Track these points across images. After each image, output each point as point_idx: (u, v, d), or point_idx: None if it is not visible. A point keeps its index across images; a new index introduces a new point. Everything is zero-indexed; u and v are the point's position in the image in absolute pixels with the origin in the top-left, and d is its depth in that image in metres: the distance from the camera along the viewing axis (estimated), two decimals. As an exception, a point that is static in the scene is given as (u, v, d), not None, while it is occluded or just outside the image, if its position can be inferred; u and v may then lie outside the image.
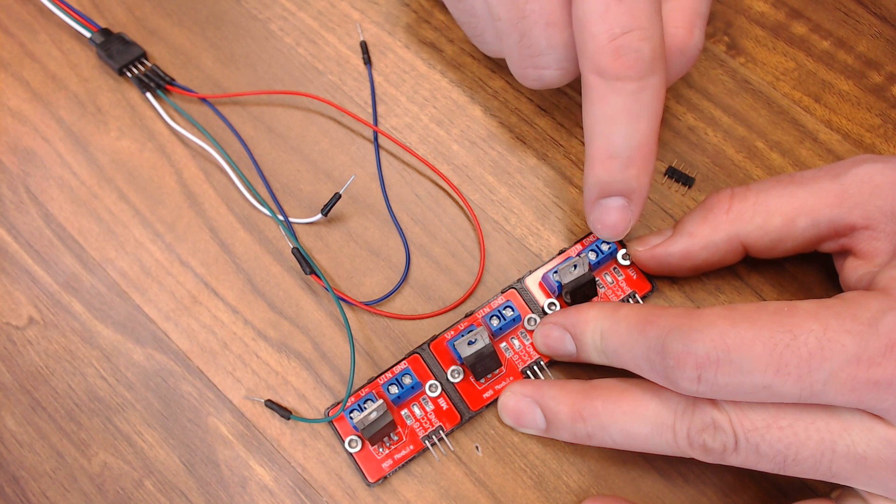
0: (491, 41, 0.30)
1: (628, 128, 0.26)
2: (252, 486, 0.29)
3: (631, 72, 0.25)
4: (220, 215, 0.32)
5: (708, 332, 0.23)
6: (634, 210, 0.28)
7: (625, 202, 0.27)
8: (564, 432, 0.27)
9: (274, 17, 0.36)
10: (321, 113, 0.34)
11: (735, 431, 0.23)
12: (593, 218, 0.28)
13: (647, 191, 0.27)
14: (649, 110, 0.26)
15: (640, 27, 0.25)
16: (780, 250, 0.28)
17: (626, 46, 0.25)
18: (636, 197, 0.27)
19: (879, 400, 0.22)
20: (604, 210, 0.28)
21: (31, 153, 0.34)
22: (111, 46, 0.34)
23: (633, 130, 0.26)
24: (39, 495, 0.29)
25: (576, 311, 0.28)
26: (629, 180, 0.27)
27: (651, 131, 0.26)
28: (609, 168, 0.27)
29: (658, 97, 0.26)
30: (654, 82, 0.25)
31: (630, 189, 0.27)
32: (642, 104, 0.26)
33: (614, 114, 0.26)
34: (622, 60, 0.25)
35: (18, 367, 0.31)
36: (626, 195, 0.27)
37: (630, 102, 0.25)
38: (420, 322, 0.31)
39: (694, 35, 0.28)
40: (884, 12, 0.35)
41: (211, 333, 0.31)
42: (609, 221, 0.28)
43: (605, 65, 0.25)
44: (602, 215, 0.28)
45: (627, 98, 0.25)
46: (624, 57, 0.25)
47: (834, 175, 0.26)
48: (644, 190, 0.27)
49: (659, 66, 0.25)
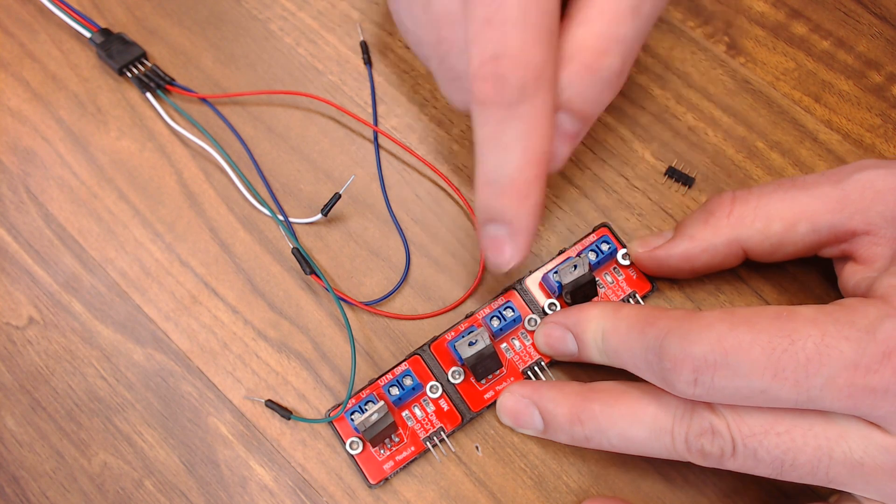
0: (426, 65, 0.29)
1: (499, 156, 0.25)
2: (252, 486, 0.29)
3: (497, 97, 0.24)
4: (220, 215, 0.32)
5: (706, 335, 0.23)
6: (517, 242, 0.26)
7: (506, 231, 0.26)
8: (562, 435, 0.27)
9: (274, 17, 0.36)
10: (321, 113, 0.34)
11: (733, 437, 0.23)
12: (482, 244, 0.27)
13: (529, 225, 0.26)
14: (521, 141, 0.24)
15: (508, 54, 0.23)
16: (780, 255, 0.28)
17: (493, 72, 0.24)
18: (515, 228, 0.26)
19: (876, 407, 0.22)
20: (487, 237, 0.27)
21: (31, 153, 0.34)
22: (111, 46, 0.34)
23: (503, 160, 0.25)
24: (39, 495, 0.29)
25: (577, 310, 0.28)
26: (504, 210, 0.25)
27: (525, 164, 0.24)
28: (485, 194, 0.25)
29: (533, 128, 0.24)
30: (525, 111, 0.24)
31: (507, 219, 0.25)
32: (512, 133, 0.24)
33: (486, 140, 0.25)
34: (488, 86, 0.24)
35: (18, 367, 0.31)
36: (506, 224, 0.26)
37: (498, 130, 0.24)
38: (420, 322, 0.31)
39: (605, 59, 0.25)
40: (884, 12, 0.35)
41: (211, 333, 0.31)
42: (492, 249, 0.27)
43: (475, 89, 0.24)
44: (487, 242, 0.27)
45: (495, 126, 0.24)
46: (490, 82, 0.24)
47: (835, 180, 0.26)
48: (524, 222, 0.25)
49: (533, 95, 0.24)
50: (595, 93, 0.26)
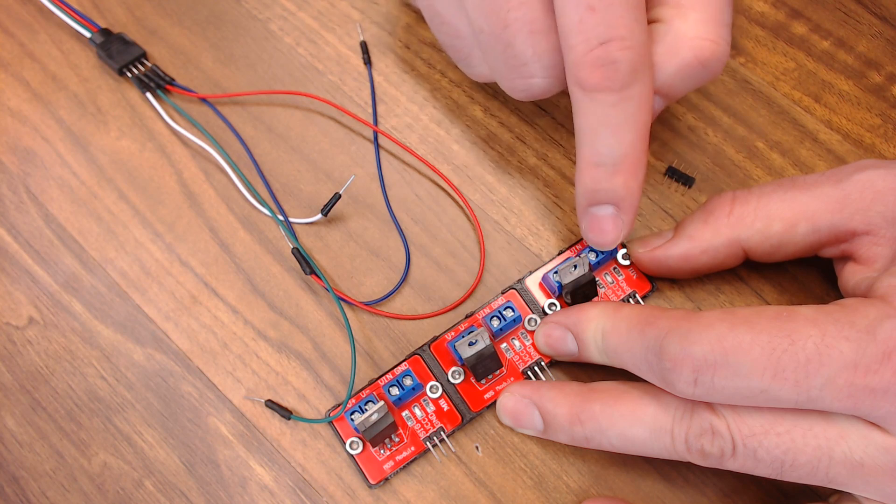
0: (477, 63, 0.29)
1: (612, 138, 0.25)
2: (252, 486, 0.29)
3: (609, 83, 0.24)
4: (220, 215, 0.32)
5: (706, 335, 0.23)
6: (625, 219, 0.27)
7: (614, 211, 0.27)
8: (562, 435, 0.27)
9: (274, 17, 0.36)
10: (321, 113, 0.34)
11: (733, 437, 0.23)
12: (584, 226, 0.28)
13: (637, 200, 0.27)
14: (633, 120, 0.25)
15: (617, 37, 0.24)
16: (780, 255, 0.28)
17: (603, 58, 0.24)
18: (625, 206, 0.27)
19: (876, 407, 0.22)
20: (593, 219, 0.27)
21: (31, 153, 0.34)
22: (111, 46, 0.34)
23: (617, 141, 0.25)
24: (39, 495, 0.29)
25: (577, 310, 0.28)
26: (616, 189, 0.26)
27: (637, 140, 0.25)
28: (595, 177, 0.26)
29: (642, 107, 0.25)
30: (635, 92, 0.25)
31: (618, 197, 0.26)
32: (625, 115, 0.25)
33: (597, 125, 0.25)
34: (599, 72, 0.24)
35: (18, 367, 0.31)
36: (615, 203, 0.27)
37: (611, 114, 0.25)
38: (420, 322, 0.31)
39: (719, 47, 0.26)
40: (884, 12, 0.35)
41: (211, 333, 0.31)
42: (598, 230, 0.27)
43: (584, 77, 0.25)
44: (592, 224, 0.27)
45: (608, 109, 0.25)
46: (601, 69, 0.24)
47: (836, 180, 0.26)
48: (633, 199, 0.27)
49: (640, 75, 0.25)
50: (699, 80, 0.27)
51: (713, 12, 0.26)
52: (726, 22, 0.27)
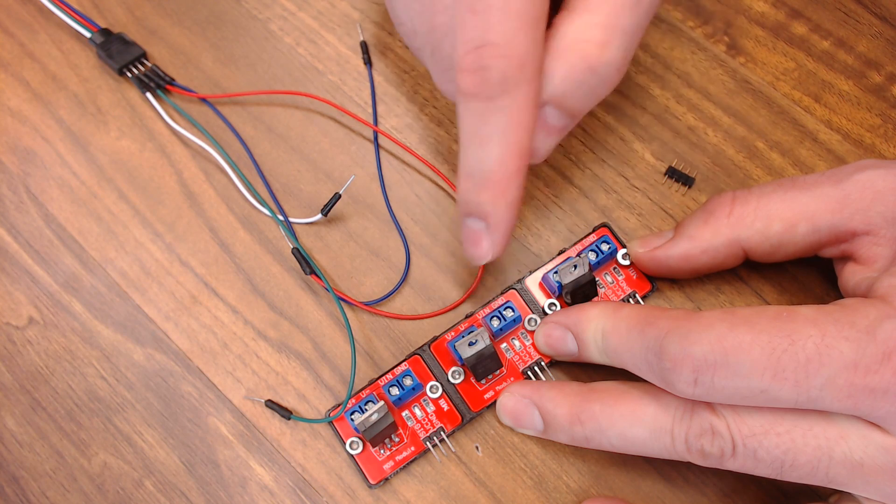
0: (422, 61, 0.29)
1: (479, 150, 0.24)
2: (252, 486, 0.29)
3: (478, 89, 0.23)
4: (220, 215, 0.32)
5: (706, 335, 0.23)
6: (494, 237, 0.26)
7: (484, 226, 0.26)
8: (562, 435, 0.27)
9: (274, 17, 0.36)
10: (321, 113, 0.34)
11: (733, 437, 0.23)
12: (461, 236, 0.27)
13: (506, 220, 0.25)
14: (502, 134, 0.24)
15: (491, 42, 0.23)
16: (780, 255, 0.28)
17: (476, 62, 0.23)
18: (493, 223, 0.25)
19: (875, 407, 0.22)
20: (467, 229, 0.26)
21: (31, 153, 0.34)
22: (111, 46, 0.34)
23: (484, 154, 0.24)
24: (39, 495, 0.29)
25: (577, 310, 0.28)
26: (483, 204, 0.25)
27: (506, 157, 0.24)
28: (465, 187, 0.25)
29: (514, 122, 0.24)
30: (505, 104, 0.23)
31: (485, 213, 0.25)
32: (492, 127, 0.24)
33: (468, 133, 0.24)
34: (470, 77, 0.23)
35: (18, 367, 0.31)
36: (483, 219, 0.25)
37: (480, 123, 0.24)
38: (420, 322, 0.31)
39: (606, 52, 0.24)
40: (884, 12, 0.35)
41: (211, 333, 0.31)
42: (471, 242, 0.26)
43: (459, 80, 0.24)
44: (465, 234, 0.26)
45: (476, 118, 0.24)
46: (473, 74, 0.23)
47: (836, 180, 0.26)
48: (502, 218, 0.25)
49: (514, 87, 0.23)
50: (591, 88, 0.25)
51: (606, 15, 0.24)
52: (623, 27, 0.25)
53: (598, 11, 0.25)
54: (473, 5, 0.23)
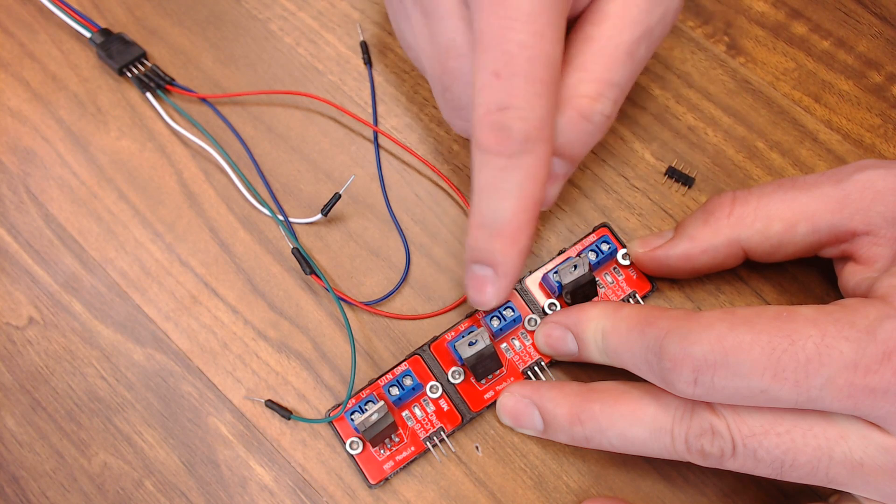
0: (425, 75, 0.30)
1: (496, 202, 0.25)
2: (252, 486, 0.29)
3: (500, 148, 0.25)
4: (220, 215, 0.32)
5: (706, 335, 0.23)
6: (500, 284, 0.27)
7: (492, 273, 0.27)
8: (562, 435, 0.27)
9: (274, 17, 0.36)
10: (321, 113, 0.34)
11: (733, 437, 0.23)
12: (466, 281, 0.28)
13: (514, 268, 0.27)
14: (519, 189, 0.25)
15: (515, 106, 0.24)
16: (780, 255, 0.28)
17: (498, 122, 0.24)
18: (501, 271, 0.26)
19: (875, 407, 0.22)
20: (473, 276, 0.27)
21: (31, 153, 0.34)
22: (111, 46, 0.34)
23: (500, 205, 0.25)
24: (39, 495, 0.29)
25: (577, 310, 0.28)
26: (493, 253, 0.26)
27: (520, 210, 0.25)
28: (477, 236, 0.26)
29: (531, 177, 0.25)
30: (525, 162, 0.25)
31: (495, 262, 0.26)
32: (511, 182, 0.25)
33: (485, 186, 0.26)
34: (492, 136, 0.25)
35: (18, 367, 0.31)
36: (492, 266, 0.27)
37: (498, 178, 0.25)
38: (420, 322, 0.31)
39: (598, 104, 0.27)
40: (884, 12, 0.35)
41: (211, 333, 0.31)
42: (477, 288, 0.27)
43: (479, 137, 0.25)
44: (471, 280, 0.27)
45: (497, 173, 0.25)
46: (495, 132, 0.25)
47: (836, 180, 0.26)
48: (511, 267, 0.26)
49: (532, 147, 0.25)
50: (586, 138, 0.27)
51: (598, 72, 0.27)
52: (615, 81, 0.27)
53: (593, 69, 0.27)
54: (498, 70, 0.24)
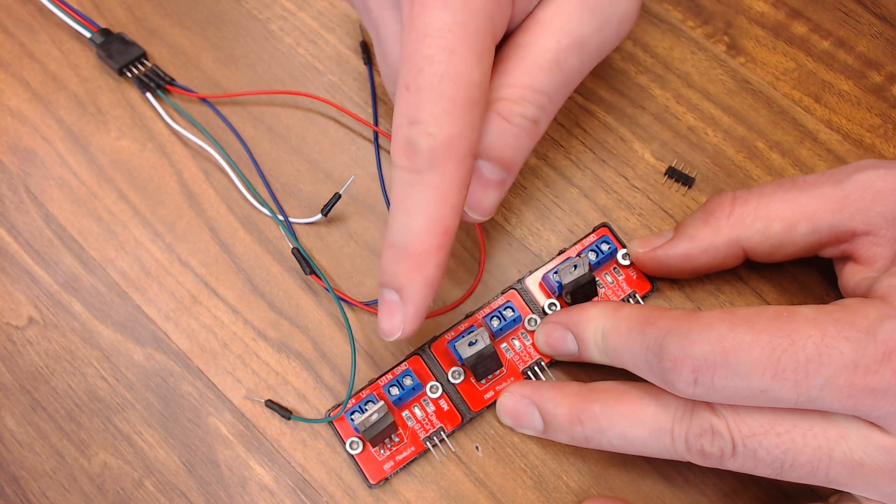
0: None
1: (403, 219, 0.24)
2: (252, 486, 0.29)
3: (406, 162, 0.24)
4: (220, 215, 0.32)
5: (706, 335, 0.23)
6: (407, 312, 0.25)
7: (398, 299, 0.25)
8: (562, 435, 0.27)
9: (274, 17, 0.36)
10: (321, 113, 0.34)
11: (733, 437, 0.23)
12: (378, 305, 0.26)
13: (420, 297, 0.25)
14: (425, 207, 0.24)
15: (422, 121, 0.23)
16: (780, 255, 0.28)
17: (407, 137, 0.24)
18: (407, 298, 0.25)
19: (876, 407, 0.22)
20: (382, 300, 0.26)
21: (31, 153, 0.34)
22: (111, 46, 0.34)
23: (405, 223, 0.24)
24: (39, 495, 0.29)
25: (578, 310, 0.28)
26: (398, 276, 0.25)
27: (426, 230, 0.24)
28: (386, 255, 0.25)
29: (439, 197, 0.24)
30: (431, 179, 0.24)
31: (399, 285, 0.25)
32: (417, 199, 0.24)
33: (395, 200, 0.25)
34: (402, 150, 0.24)
35: (18, 367, 0.31)
36: (398, 291, 0.25)
37: (405, 193, 0.24)
38: (420, 322, 0.31)
39: (518, 107, 0.26)
40: (884, 12, 0.35)
41: (211, 333, 0.31)
42: (384, 312, 0.26)
43: (392, 150, 0.24)
44: (380, 305, 0.26)
45: (404, 189, 0.24)
46: (404, 147, 0.24)
47: (836, 180, 0.26)
48: (416, 294, 0.25)
49: (440, 165, 0.24)
50: (511, 140, 0.26)
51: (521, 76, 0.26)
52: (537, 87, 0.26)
53: (515, 74, 0.26)
54: (408, 83, 0.24)
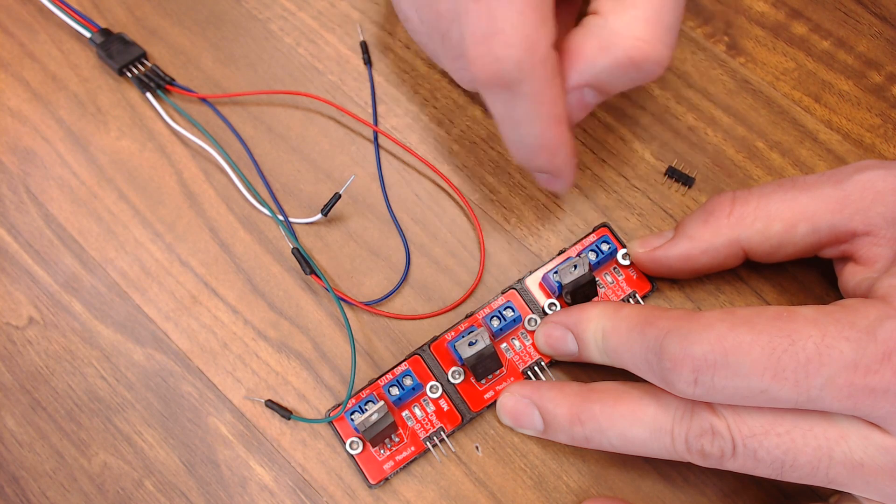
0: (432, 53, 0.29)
1: (516, 131, 0.25)
2: (252, 486, 0.29)
3: (495, 80, 0.23)
4: (220, 215, 0.32)
5: (706, 335, 0.23)
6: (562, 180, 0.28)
7: (549, 176, 0.28)
8: (562, 435, 0.27)
9: (274, 17, 0.36)
10: (321, 113, 0.34)
11: (733, 437, 0.23)
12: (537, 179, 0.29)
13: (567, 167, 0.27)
14: (533, 115, 0.24)
15: (499, 30, 0.22)
16: (780, 255, 0.28)
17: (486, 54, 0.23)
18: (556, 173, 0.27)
19: (876, 407, 0.22)
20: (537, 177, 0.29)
21: (31, 153, 0.34)
22: (111, 46, 0.34)
23: (522, 132, 0.24)
24: (39, 495, 0.29)
25: (578, 310, 0.28)
26: (540, 164, 0.27)
27: (543, 131, 0.24)
28: (518, 155, 0.27)
29: (540, 102, 0.24)
30: (527, 89, 0.23)
31: (545, 170, 0.27)
32: (521, 111, 0.24)
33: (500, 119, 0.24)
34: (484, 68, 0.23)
35: (18, 367, 0.31)
36: (547, 173, 0.27)
37: (507, 109, 0.24)
38: (420, 322, 0.31)
39: (655, 49, 0.25)
40: (884, 12, 0.35)
41: (211, 333, 0.31)
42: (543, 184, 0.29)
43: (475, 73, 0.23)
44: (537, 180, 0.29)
45: (502, 105, 0.24)
46: (485, 65, 0.23)
47: (836, 181, 0.26)
48: (563, 166, 0.27)
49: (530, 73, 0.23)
50: (632, 79, 0.26)
51: (653, 11, 0.25)
52: (667, 23, 0.25)
53: (646, 6, 0.24)
54: None
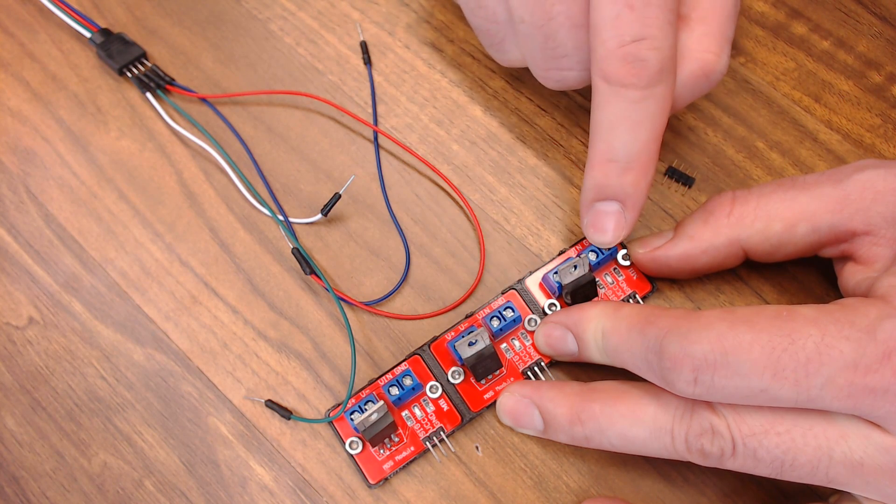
0: (510, 49, 0.30)
1: (629, 134, 0.26)
2: (252, 486, 0.29)
3: (636, 80, 0.25)
4: (220, 215, 0.32)
5: (706, 334, 0.23)
6: (629, 217, 0.27)
7: (619, 207, 0.27)
8: (562, 434, 0.27)
9: (274, 17, 0.36)
10: (321, 113, 0.34)
11: (733, 436, 0.23)
12: (587, 221, 0.28)
13: (643, 199, 0.27)
14: (652, 119, 0.26)
15: (650, 36, 0.25)
16: (780, 255, 0.28)
17: (634, 54, 0.25)
18: (631, 203, 0.27)
19: (876, 407, 0.22)
20: (597, 214, 0.28)
21: (31, 153, 0.34)
22: (111, 46, 0.34)
23: (633, 137, 0.26)
24: (39, 495, 0.29)
25: (578, 309, 0.28)
26: (625, 185, 0.27)
27: (651, 140, 0.26)
28: (606, 171, 0.27)
29: (662, 107, 0.26)
30: (658, 92, 0.25)
31: (625, 194, 0.27)
32: (645, 112, 0.26)
33: (616, 119, 0.26)
34: (628, 68, 0.25)
35: (18, 367, 0.31)
36: (622, 201, 0.27)
37: (632, 110, 0.26)
38: (420, 322, 0.31)
39: (721, 60, 0.27)
40: (884, 12, 0.35)
41: (211, 333, 0.31)
42: (600, 227, 0.28)
43: (612, 71, 0.25)
44: (595, 219, 0.28)
45: (630, 105, 0.26)
46: (630, 64, 0.25)
47: (836, 180, 0.26)
48: (640, 197, 0.27)
49: (666, 76, 0.25)
50: (701, 90, 0.28)
51: (718, 26, 0.27)
52: (729, 36, 0.28)
53: (712, 23, 0.27)
54: (630, 2, 0.25)
